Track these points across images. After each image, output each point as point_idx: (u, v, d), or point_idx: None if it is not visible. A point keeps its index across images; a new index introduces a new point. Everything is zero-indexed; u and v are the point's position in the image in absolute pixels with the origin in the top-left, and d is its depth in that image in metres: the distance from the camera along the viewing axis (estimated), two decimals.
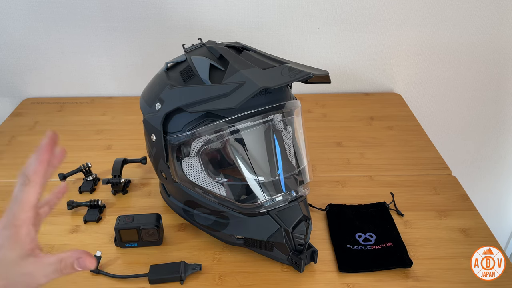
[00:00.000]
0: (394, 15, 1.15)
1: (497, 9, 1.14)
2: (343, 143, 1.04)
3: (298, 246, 0.68)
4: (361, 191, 0.88)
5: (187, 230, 0.79)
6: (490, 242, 0.75)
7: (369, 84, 1.27)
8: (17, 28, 1.14)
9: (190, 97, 0.65)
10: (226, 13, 1.13)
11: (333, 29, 1.17)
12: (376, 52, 1.21)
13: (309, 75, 0.61)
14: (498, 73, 1.25)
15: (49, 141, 0.50)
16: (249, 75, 0.63)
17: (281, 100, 0.69)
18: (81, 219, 0.81)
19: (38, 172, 0.48)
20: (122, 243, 0.74)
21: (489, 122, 1.34)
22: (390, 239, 0.75)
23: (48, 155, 0.49)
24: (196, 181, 0.69)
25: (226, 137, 0.67)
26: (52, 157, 0.51)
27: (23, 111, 1.18)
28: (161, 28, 1.15)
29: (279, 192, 0.69)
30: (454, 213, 0.82)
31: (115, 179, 0.86)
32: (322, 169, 0.94)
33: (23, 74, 1.22)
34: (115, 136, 1.07)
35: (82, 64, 1.21)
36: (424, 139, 1.05)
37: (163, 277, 0.68)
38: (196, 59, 0.70)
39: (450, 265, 0.71)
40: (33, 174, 0.48)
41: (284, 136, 0.73)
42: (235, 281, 0.69)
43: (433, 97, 1.29)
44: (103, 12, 1.12)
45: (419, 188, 0.89)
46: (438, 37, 1.18)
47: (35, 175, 0.48)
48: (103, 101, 1.22)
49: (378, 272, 0.70)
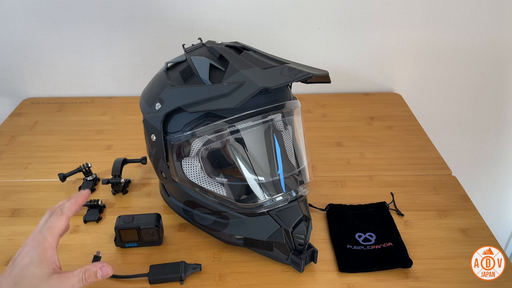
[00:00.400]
0: (394, 15, 1.15)
1: (497, 9, 1.14)
2: (343, 143, 1.04)
3: (298, 246, 0.68)
4: (361, 191, 0.88)
5: (187, 230, 0.79)
6: (490, 242, 0.75)
7: (369, 84, 1.27)
8: (17, 28, 1.14)
9: (190, 97, 0.65)
10: (226, 13, 1.13)
11: (333, 29, 1.17)
12: (376, 52, 1.21)
13: (309, 75, 0.61)
14: (498, 73, 1.25)
15: (86, 193, 0.63)
16: (249, 75, 0.63)
17: (281, 100, 0.69)
18: (81, 219, 0.81)
19: (71, 210, 0.59)
20: (122, 243, 0.74)
21: (489, 122, 1.35)
22: (390, 239, 0.75)
23: (82, 201, 0.61)
24: (196, 181, 0.69)
25: (226, 137, 0.67)
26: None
27: (23, 111, 1.18)
28: (161, 28, 1.15)
29: (279, 192, 0.69)
30: (454, 213, 0.82)
31: (115, 179, 0.86)
32: (322, 169, 0.94)
33: (23, 74, 1.22)
34: (115, 136, 1.07)
35: (82, 64, 1.21)
36: (424, 139, 1.05)
37: (163, 277, 0.68)
38: (196, 59, 0.70)
39: (450, 265, 0.71)
40: (67, 210, 0.59)
41: (284, 136, 0.73)
42: (235, 281, 0.69)
43: (433, 97, 1.29)
44: (103, 12, 1.12)
45: (419, 188, 0.89)
46: (438, 37, 1.18)
47: (69, 211, 0.59)
48: (103, 101, 1.23)
49: (378, 272, 0.70)
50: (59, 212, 0.58)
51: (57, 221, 0.57)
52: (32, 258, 0.53)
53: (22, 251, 0.55)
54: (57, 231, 0.57)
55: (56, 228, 0.57)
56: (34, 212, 0.83)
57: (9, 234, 0.78)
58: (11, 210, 0.83)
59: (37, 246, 0.54)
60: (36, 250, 0.54)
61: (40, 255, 0.54)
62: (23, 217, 0.82)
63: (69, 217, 0.59)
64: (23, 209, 0.84)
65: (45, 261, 0.54)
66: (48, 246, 0.55)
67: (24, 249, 0.55)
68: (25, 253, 0.54)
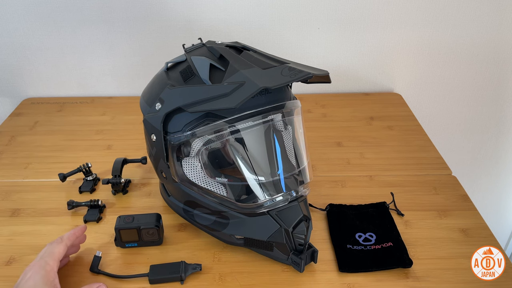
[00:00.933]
0: (394, 15, 1.15)
1: (497, 9, 1.14)
2: (343, 143, 1.04)
3: (298, 246, 0.68)
4: (361, 191, 0.88)
5: (187, 230, 0.79)
6: (490, 242, 0.75)
7: (369, 84, 1.27)
8: (17, 28, 1.14)
9: (190, 97, 0.65)
10: (226, 13, 1.13)
11: (333, 29, 1.17)
12: (376, 52, 1.21)
13: (309, 75, 0.61)
14: (498, 73, 1.25)
15: (84, 228, 0.72)
16: (249, 75, 0.63)
17: (281, 100, 0.69)
18: (81, 219, 0.81)
19: (69, 239, 0.67)
20: (122, 243, 0.74)
21: (489, 122, 1.35)
22: (390, 239, 0.75)
23: (80, 233, 0.71)
24: (196, 181, 0.69)
25: (226, 137, 0.67)
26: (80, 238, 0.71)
27: (23, 111, 1.18)
28: (161, 28, 1.15)
29: (279, 192, 0.69)
30: (454, 213, 0.82)
31: (115, 179, 0.86)
32: (322, 169, 0.94)
33: (23, 74, 1.22)
34: (115, 136, 1.07)
35: (82, 64, 1.21)
36: (424, 139, 1.05)
37: (163, 277, 0.68)
38: (196, 59, 0.70)
39: (450, 265, 0.71)
40: (66, 238, 0.66)
41: (284, 136, 0.73)
42: (235, 281, 0.69)
43: (433, 97, 1.29)
44: (103, 12, 1.12)
45: (419, 188, 0.89)
46: (438, 37, 1.18)
47: (68, 240, 0.66)
48: (103, 101, 1.22)
49: (378, 272, 0.70)
50: (58, 240, 0.65)
51: (57, 248, 0.64)
52: (36, 281, 0.58)
53: (25, 276, 0.60)
54: (57, 256, 0.63)
55: (56, 254, 0.63)
56: (34, 212, 0.83)
57: (9, 234, 0.78)
58: (11, 210, 0.83)
59: (39, 270, 0.60)
60: (39, 274, 0.59)
61: (43, 278, 0.59)
62: (23, 217, 0.82)
63: (67, 245, 0.66)
64: (23, 209, 0.84)
65: (48, 283, 0.59)
66: (50, 269, 0.61)
67: (27, 274, 0.60)
68: (29, 277, 0.59)
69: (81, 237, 0.72)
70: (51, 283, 0.59)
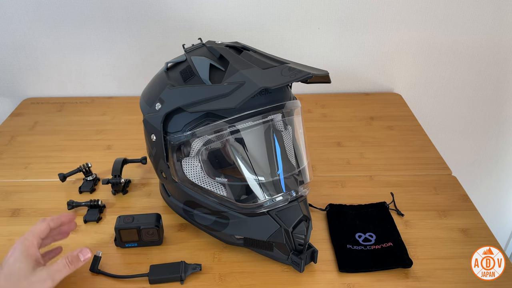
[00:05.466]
0: (394, 15, 1.15)
1: (497, 9, 1.14)
2: (343, 143, 1.04)
3: (298, 246, 0.68)
4: (361, 191, 0.88)
5: (187, 230, 0.79)
6: (490, 242, 0.75)
7: (369, 84, 1.27)
8: (17, 28, 1.14)
9: (190, 97, 0.65)
10: (226, 13, 1.13)
11: (333, 29, 1.17)
12: (376, 52, 1.21)
13: (309, 75, 0.61)
14: (498, 73, 1.25)
15: (72, 216, 0.71)
16: (249, 75, 0.63)
17: (281, 100, 0.69)
18: (81, 219, 0.81)
19: (53, 220, 0.67)
20: (122, 243, 0.74)
21: (489, 122, 1.35)
22: (390, 239, 0.75)
23: (67, 220, 0.70)
24: (196, 181, 0.69)
25: (226, 137, 0.67)
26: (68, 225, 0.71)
27: (23, 111, 1.18)
28: (161, 28, 1.15)
29: (279, 192, 0.69)
30: (454, 213, 0.82)
31: (115, 179, 0.86)
32: (322, 169, 0.94)
33: (23, 74, 1.22)
34: (115, 136, 1.07)
35: (82, 64, 1.21)
36: (424, 139, 1.05)
37: (163, 277, 0.68)
38: (196, 59, 0.70)
39: (450, 265, 0.71)
40: (50, 220, 0.67)
41: (284, 136, 0.73)
42: (235, 281, 0.69)
43: (433, 97, 1.29)
44: (103, 12, 1.12)
45: (419, 188, 0.89)
46: (438, 37, 1.18)
47: (52, 222, 0.67)
48: (103, 101, 1.22)
49: (378, 272, 0.70)
50: (41, 220, 0.66)
51: (38, 225, 0.65)
52: (16, 256, 0.60)
53: (8, 254, 0.62)
54: (36, 232, 0.64)
55: (36, 230, 0.64)
56: (34, 212, 0.83)
57: (9, 234, 0.78)
58: (11, 210, 0.83)
59: (19, 246, 0.61)
60: (18, 249, 0.61)
61: (23, 252, 0.61)
62: (23, 217, 0.82)
63: (50, 225, 0.66)
64: (23, 209, 0.84)
65: (28, 257, 0.60)
66: (29, 244, 0.62)
67: (9, 252, 0.62)
68: (10, 255, 0.61)
69: (70, 224, 0.71)
70: (31, 257, 0.61)
